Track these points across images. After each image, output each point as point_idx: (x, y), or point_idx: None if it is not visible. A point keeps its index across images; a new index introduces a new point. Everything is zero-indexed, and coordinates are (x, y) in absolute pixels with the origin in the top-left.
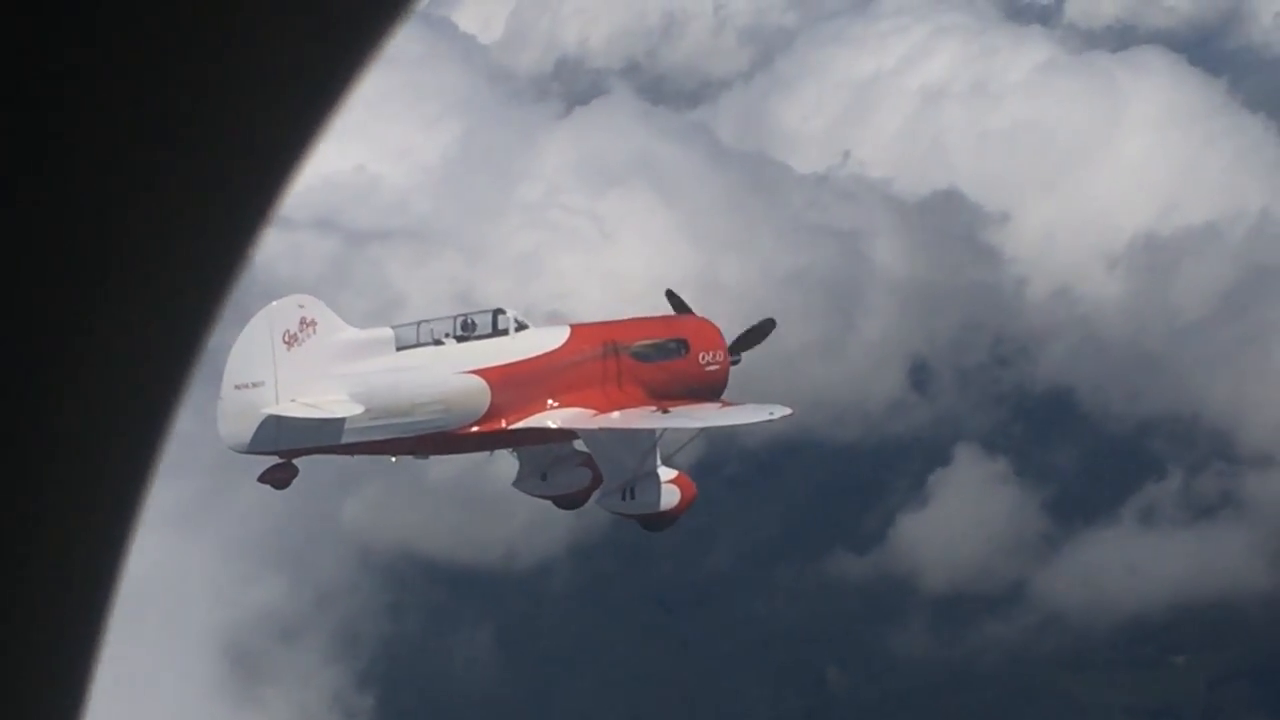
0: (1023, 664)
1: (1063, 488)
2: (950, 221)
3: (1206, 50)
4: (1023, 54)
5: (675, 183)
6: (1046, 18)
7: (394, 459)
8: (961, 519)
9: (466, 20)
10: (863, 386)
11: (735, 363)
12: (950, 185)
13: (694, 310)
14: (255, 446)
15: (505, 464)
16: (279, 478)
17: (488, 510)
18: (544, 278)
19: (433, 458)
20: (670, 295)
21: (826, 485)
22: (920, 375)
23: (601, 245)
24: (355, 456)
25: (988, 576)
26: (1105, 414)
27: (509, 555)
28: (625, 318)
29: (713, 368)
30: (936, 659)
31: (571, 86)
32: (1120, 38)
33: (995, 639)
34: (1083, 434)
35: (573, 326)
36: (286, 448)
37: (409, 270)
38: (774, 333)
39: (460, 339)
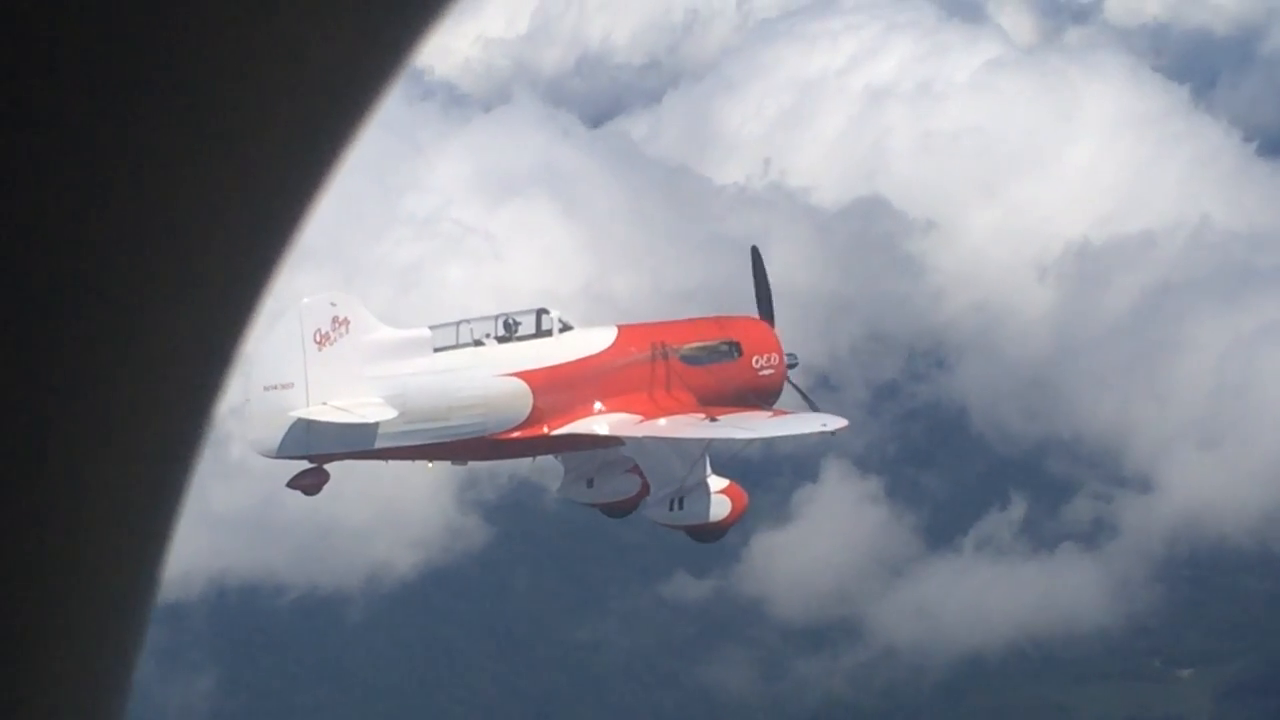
0: (860, 699)
1: (935, 510)
2: (870, 230)
3: (1246, 50)
4: (973, 54)
5: (580, 195)
6: (1084, 15)
7: (430, 465)
8: (822, 540)
9: (491, 16)
10: None
11: (792, 366)
12: (874, 192)
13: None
14: (284, 451)
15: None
16: (309, 483)
17: (248, 534)
18: (423, 289)
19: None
20: (754, 253)
21: None
22: (815, 390)
23: (492, 260)
24: (389, 462)
25: (835, 601)
26: (999, 434)
27: (279, 587)
28: (676, 319)
29: (767, 372)
30: (765, 691)
31: (592, 84)
32: (1156, 36)
33: (826, 673)
34: (973, 454)
35: (620, 327)
36: (317, 453)
37: None
38: None
39: (501, 340)
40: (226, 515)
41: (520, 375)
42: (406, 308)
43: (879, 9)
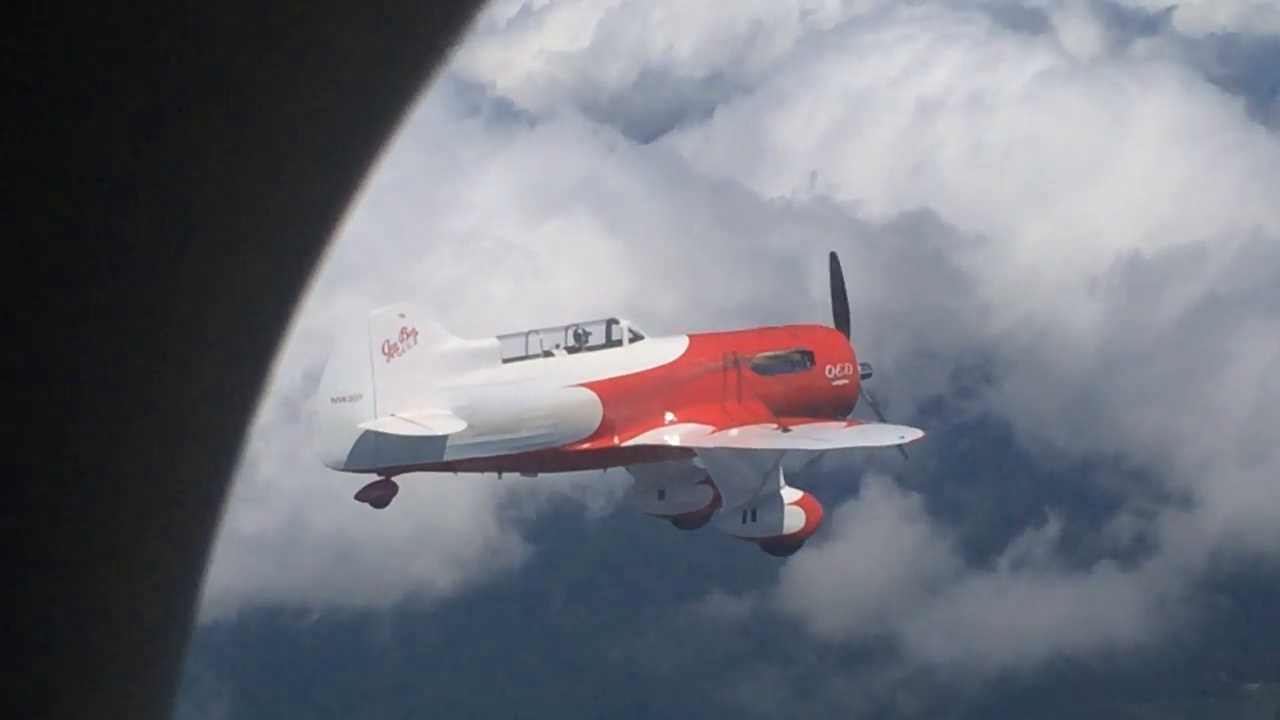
0: None
1: (976, 528)
2: (918, 244)
3: None
4: (1026, 65)
5: (624, 211)
6: (1152, 26)
7: (499, 476)
8: (862, 558)
9: (555, 29)
10: None
11: (866, 376)
12: (922, 206)
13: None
14: (352, 464)
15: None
16: (377, 496)
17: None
18: (465, 307)
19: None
20: (833, 260)
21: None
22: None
23: (534, 277)
24: (458, 474)
25: (875, 619)
26: (1044, 450)
27: (309, 608)
28: (748, 328)
29: (840, 382)
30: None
31: (654, 98)
32: (1224, 46)
33: (869, 692)
34: (1016, 470)
35: (691, 337)
36: (385, 465)
37: None
38: None
39: (571, 350)
40: (255, 535)
41: (590, 386)
42: (447, 326)
43: (931, 20)
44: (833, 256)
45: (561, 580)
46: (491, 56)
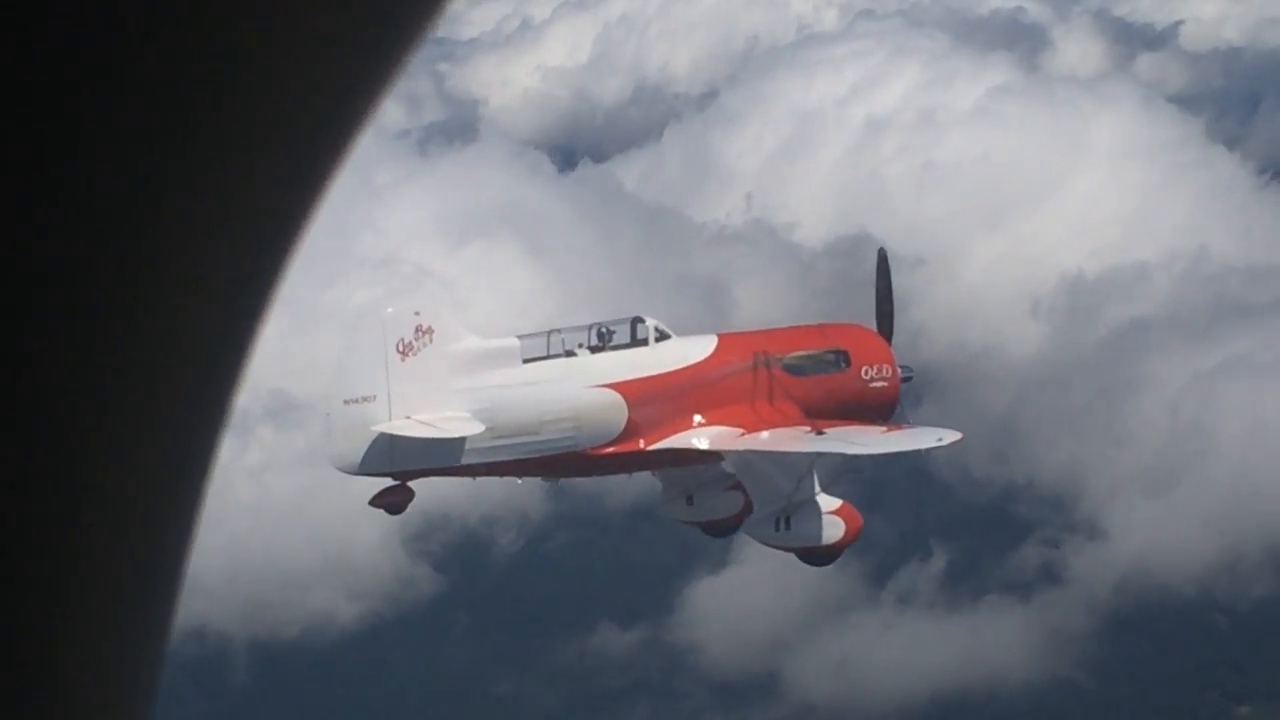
0: None
1: (883, 558)
2: (853, 268)
3: None
4: (979, 81)
5: (553, 235)
6: (1158, 42)
7: (520, 481)
8: (763, 588)
9: (551, 45)
10: None
11: (907, 379)
12: (861, 229)
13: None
14: (366, 468)
15: None
16: (393, 501)
17: None
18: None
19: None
20: (880, 257)
21: (638, 551)
22: None
23: (452, 304)
24: (477, 479)
25: (771, 653)
26: (964, 479)
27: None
28: (779, 327)
29: (879, 384)
30: None
31: (649, 111)
32: (1228, 60)
33: None
34: (934, 499)
35: (720, 336)
36: (400, 469)
37: None
38: None
39: (594, 350)
40: None
41: (614, 387)
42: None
43: (888, 34)
44: (881, 254)
45: (464, 613)
46: (489, 72)
